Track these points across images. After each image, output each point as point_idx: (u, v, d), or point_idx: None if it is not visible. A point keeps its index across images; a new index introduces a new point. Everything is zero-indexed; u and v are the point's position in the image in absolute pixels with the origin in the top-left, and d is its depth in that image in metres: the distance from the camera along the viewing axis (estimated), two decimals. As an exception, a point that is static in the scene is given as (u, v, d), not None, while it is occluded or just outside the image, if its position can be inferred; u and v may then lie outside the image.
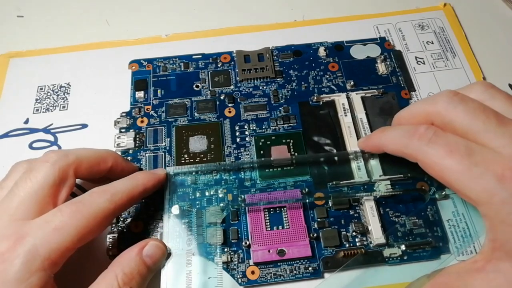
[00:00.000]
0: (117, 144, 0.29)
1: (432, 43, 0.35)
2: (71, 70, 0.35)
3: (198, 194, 0.28)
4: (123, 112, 0.31)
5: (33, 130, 0.32)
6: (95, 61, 0.35)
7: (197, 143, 0.29)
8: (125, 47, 0.35)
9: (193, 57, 0.34)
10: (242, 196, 0.27)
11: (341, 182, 0.27)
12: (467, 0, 0.38)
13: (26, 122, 0.32)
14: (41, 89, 0.34)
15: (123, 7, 0.39)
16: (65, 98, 0.33)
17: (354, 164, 0.28)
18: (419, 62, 0.34)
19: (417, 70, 0.33)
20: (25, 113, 0.33)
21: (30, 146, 0.31)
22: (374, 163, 0.28)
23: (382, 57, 0.33)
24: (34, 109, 0.33)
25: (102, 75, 0.34)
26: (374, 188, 0.28)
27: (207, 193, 0.28)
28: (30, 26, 0.38)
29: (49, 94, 0.34)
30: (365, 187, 0.28)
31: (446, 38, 0.35)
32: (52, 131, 0.32)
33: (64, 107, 0.33)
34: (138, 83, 0.32)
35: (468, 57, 0.34)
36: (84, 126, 0.32)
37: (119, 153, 0.29)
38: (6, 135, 0.32)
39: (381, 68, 0.33)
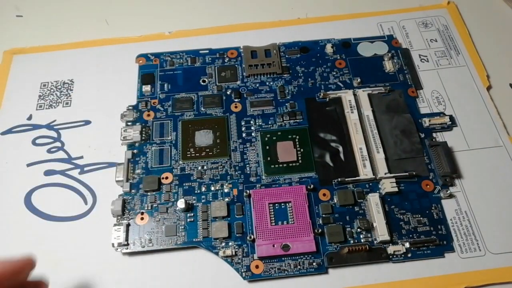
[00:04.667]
0: (124, 138, 0.29)
1: (436, 41, 0.35)
2: (74, 67, 0.35)
3: (203, 189, 0.28)
4: (129, 106, 0.31)
5: (36, 126, 0.32)
6: (98, 58, 0.35)
7: (203, 138, 0.29)
8: (129, 44, 0.35)
9: (200, 52, 0.34)
10: (248, 191, 0.27)
11: (346, 179, 0.28)
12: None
13: (30, 118, 0.32)
14: (44, 85, 0.34)
15: (122, 5, 0.38)
16: (68, 95, 0.33)
17: (359, 161, 0.28)
18: (422, 60, 0.34)
19: (421, 68, 0.34)
20: (28, 110, 0.33)
21: (33, 142, 0.31)
22: (380, 161, 0.28)
23: (390, 54, 0.33)
24: (38, 106, 0.33)
25: (105, 71, 0.34)
26: (379, 186, 0.28)
27: (212, 188, 0.28)
28: (30, 25, 0.38)
29: (52, 90, 0.34)
30: (370, 184, 0.28)
31: (450, 36, 0.35)
32: (55, 127, 0.32)
33: (67, 103, 0.33)
34: (145, 77, 0.32)
35: (472, 55, 0.34)
36: (87, 122, 0.32)
37: (125, 146, 0.29)
38: (9, 131, 0.32)
39: (388, 65, 0.33)
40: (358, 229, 0.26)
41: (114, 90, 0.33)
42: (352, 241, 0.26)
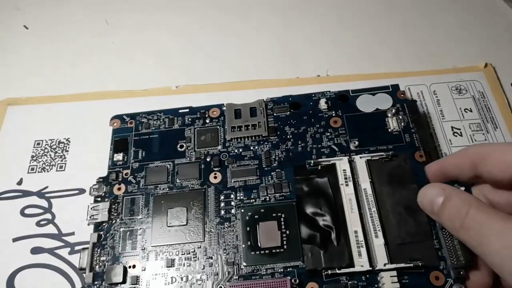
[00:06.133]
0: (90, 217, 0.26)
1: (471, 110, 0.31)
2: (72, 123, 0.33)
3: (176, 279, 0.24)
4: (100, 178, 0.28)
5: (26, 193, 0.30)
6: (99, 113, 0.32)
7: (176, 217, 0.26)
8: (133, 98, 0.33)
9: (180, 111, 0.30)
10: (222, 286, 0.23)
11: (338, 271, 0.23)
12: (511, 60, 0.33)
13: (20, 183, 0.31)
14: (38, 144, 0.32)
15: (123, 61, 0.37)
16: (63, 157, 0.32)
17: (354, 248, 0.24)
18: (455, 134, 0.30)
19: (453, 143, 0.29)
20: (19, 172, 0.31)
21: (22, 213, 0.29)
22: (379, 247, 0.24)
23: (394, 110, 0.29)
24: (29, 168, 0.31)
25: (105, 129, 0.30)
26: (378, 279, 0.23)
27: (183, 279, 0.24)
28: (28, 69, 0.37)
29: (46, 150, 0.32)
30: (368, 276, 0.24)
31: (486, 106, 0.31)
32: (46, 195, 0.30)
33: (61, 167, 0.31)
34: (118, 143, 0.29)
35: (511, 130, 0.30)
36: (82, 191, 0.30)
37: (92, 227, 0.26)
38: (-2, 197, 0.30)
39: (392, 123, 0.28)
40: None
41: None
42: None
